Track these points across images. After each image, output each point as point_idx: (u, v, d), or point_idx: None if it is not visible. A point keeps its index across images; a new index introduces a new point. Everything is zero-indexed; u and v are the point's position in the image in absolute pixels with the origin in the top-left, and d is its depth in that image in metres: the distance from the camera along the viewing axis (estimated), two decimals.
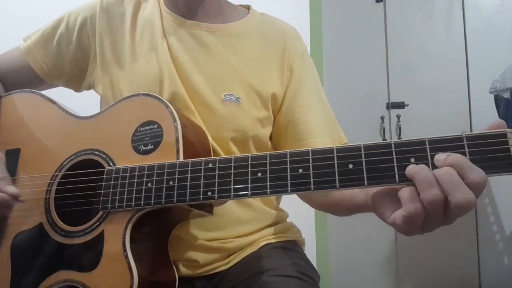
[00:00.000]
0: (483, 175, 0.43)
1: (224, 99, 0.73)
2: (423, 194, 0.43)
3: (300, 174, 0.50)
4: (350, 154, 0.48)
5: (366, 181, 0.47)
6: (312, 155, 0.50)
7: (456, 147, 0.45)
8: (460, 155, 0.44)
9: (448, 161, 0.43)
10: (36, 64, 0.82)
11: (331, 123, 0.81)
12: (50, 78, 0.84)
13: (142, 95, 0.66)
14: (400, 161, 0.46)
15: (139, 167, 0.59)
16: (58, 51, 0.82)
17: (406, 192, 0.45)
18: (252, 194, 0.51)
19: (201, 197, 0.54)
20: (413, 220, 0.45)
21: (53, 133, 0.71)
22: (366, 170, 0.47)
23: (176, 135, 0.60)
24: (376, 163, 0.47)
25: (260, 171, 0.52)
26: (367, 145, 0.48)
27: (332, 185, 0.48)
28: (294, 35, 0.84)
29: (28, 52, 0.83)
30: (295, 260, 0.74)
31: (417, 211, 0.44)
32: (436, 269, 2.47)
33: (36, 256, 0.63)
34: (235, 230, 0.74)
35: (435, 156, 0.45)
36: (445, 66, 2.57)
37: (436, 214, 0.44)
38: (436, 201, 0.43)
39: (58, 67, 0.83)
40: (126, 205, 0.57)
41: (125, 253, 0.56)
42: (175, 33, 0.76)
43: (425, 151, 0.45)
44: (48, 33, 0.83)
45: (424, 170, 0.44)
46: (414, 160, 0.45)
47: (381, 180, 0.46)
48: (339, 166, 0.48)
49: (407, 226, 0.46)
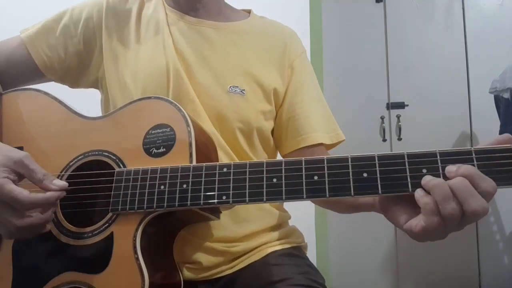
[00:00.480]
0: (494, 184, 0.45)
1: (229, 90, 0.75)
2: (442, 206, 0.45)
3: (315, 181, 0.51)
4: (364, 163, 0.50)
5: (380, 190, 0.49)
6: (327, 163, 0.51)
7: (465, 160, 0.47)
8: (471, 166, 0.46)
9: (461, 171, 0.46)
10: (37, 55, 0.78)
11: (329, 120, 0.83)
12: (49, 72, 0.81)
13: (153, 98, 0.66)
14: (413, 171, 0.48)
15: (151, 169, 0.58)
16: (60, 43, 0.79)
17: (430, 204, 0.46)
18: (267, 199, 0.52)
19: (216, 201, 0.54)
20: (432, 232, 0.47)
21: (59, 133, 0.69)
22: (380, 179, 0.49)
23: (189, 140, 0.60)
24: (390, 172, 0.49)
25: (275, 177, 0.53)
26: (381, 155, 0.50)
27: (347, 192, 0.50)
28: (293, 37, 0.87)
29: (29, 41, 0.79)
30: (303, 268, 0.74)
31: (438, 224, 0.46)
32: (436, 269, 2.47)
33: (41, 257, 0.62)
34: (239, 227, 0.74)
35: (446, 168, 0.47)
36: (445, 66, 2.58)
37: (452, 225, 0.46)
38: (454, 215, 0.45)
39: (59, 60, 0.80)
40: (138, 207, 0.57)
41: (136, 255, 0.56)
42: (179, 29, 0.78)
43: (436, 163, 0.48)
44: (50, 25, 0.80)
45: (443, 184, 0.46)
46: (426, 171, 0.48)
47: (394, 189, 0.49)
48: (353, 174, 0.50)
49: (423, 235, 0.48)
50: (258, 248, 0.75)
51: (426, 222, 0.46)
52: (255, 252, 0.75)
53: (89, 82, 0.83)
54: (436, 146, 2.02)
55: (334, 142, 0.82)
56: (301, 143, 0.79)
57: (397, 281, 2.56)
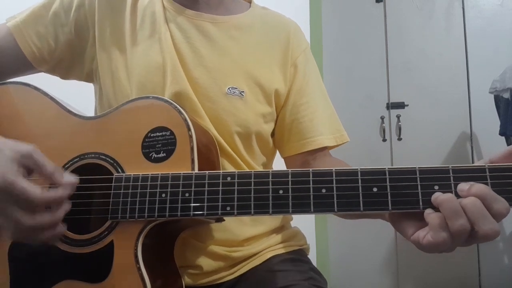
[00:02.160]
0: (507, 205, 0.44)
1: (227, 92, 0.71)
2: (451, 223, 0.44)
3: (323, 194, 0.49)
4: (374, 177, 0.48)
5: (391, 206, 0.47)
6: (335, 176, 0.50)
7: (479, 178, 0.46)
8: (484, 186, 0.44)
9: (473, 191, 0.44)
10: (25, 46, 0.73)
11: (334, 120, 0.81)
12: (39, 63, 0.75)
13: (152, 98, 0.62)
14: (424, 188, 0.47)
15: (151, 176, 0.56)
16: (50, 32, 0.74)
17: (436, 219, 0.45)
18: (273, 212, 0.50)
19: (220, 212, 0.52)
20: (439, 246, 0.46)
21: (51, 132, 0.64)
22: (391, 195, 0.47)
23: (191, 145, 0.58)
24: (401, 188, 0.47)
25: (282, 189, 0.51)
26: (392, 170, 0.48)
27: (356, 208, 0.48)
28: (297, 30, 0.83)
29: (16, 30, 0.73)
30: (307, 274, 0.73)
31: (445, 240, 0.45)
32: (436, 269, 2.47)
33: (39, 264, 0.60)
34: (241, 230, 0.72)
35: (458, 186, 0.46)
36: (445, 66, 2.57)
37: (460, 241, 0.45)
38: (463, 231, 0.44)
39: (48, 50, 0.74)
40: (139, 216, 0.55)
41: (138, 264, 0.55)
42: (176, 22, 0.73)
43: (448, 180, 0.46)
44: (39, 12, 0.74)
45: (451, 199, 0.45)
46: (438, 188, 0.46)
47: (405, 205, 0.47)
48: (363, 189, 0.48)
49: (429, 249, 0.47)
50: (260, 253, 0.74)
51: (433, 237, 0.45)
52: (256, 257, 0.73)
53: (83, 75, 0.78)
54: (436, 146, 2.03)
55: (338, 144, 0.79)
56: (305, 147, 0.77)
57: (397, 281, 2.55)
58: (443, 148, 2.54)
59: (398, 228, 0.51)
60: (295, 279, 0.69)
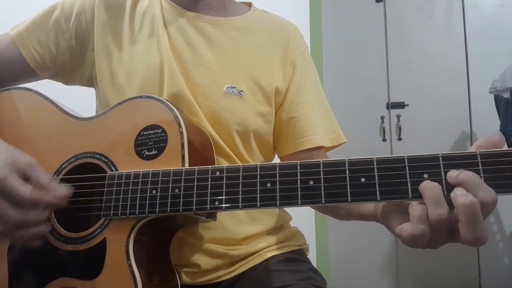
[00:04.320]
0: (493, 195, 0.42)
1: (226, 91, 0.71)
2: (430, 212, 0.43)
3: (311, 186, 0.48)
4: (362, 167, 0.47)
5: (379, 196, 0.46)
6: (323, 167, 0.48)
7: (470, 164, 0.44)
8: (472, 173, 0.43)
9: (460, 178, 0.42)
10: (27, 53, 0.75)
11: (330, 121, 0.81)
12: (42, 69, 0.77)
13: (145, 97, 0.64)
14: (413, 177, 0.45)
15: (142, 173, 0.57)
16: (51, 38, 0.76)
17: (417, 210, 0.44)
18: (261, 205, 0.50)
19: (208, 207, 0.52)
20: (419, 240, 0.44)
21: (50, 134, 0.67)
22: (379, 185, 0.46)
23: (181, 141, 0.58)
24: (389, 177, 0.46)
25: (270, 182, 0.50)
26: (380, 159, 0.46)
27: (343, 198, 0.46)
28: (296, 32, 0.84)
29: (19, 38, 0.75)
30: (306, 274, 0.72)
31: (423, 232, 0.43)
32: (436, 269, 2.47)
33: (35, 262, 0.61)
34: (239, 229, 0.72)
35: (448, 173, 0.44)
36: (445, 66, 2.57)
37: (442, 233, 0.44)
38: (442, 222, 0.42)
39: (50, 56, 0.76)
40: (130, 212, 0.56)
41: (129, 261, 0.55)
42: (176, 24, 0.74)
43: (438, 167, 0.44)
44: (40, 20, 0.76)
45: (434, 187, 0.43)
46: (428, 176, 0.44)
47: (394, 195, 0.45)
48: (351, 179, 0.47)
49: (411, 242, 0.46)
50: (258, 253, 0.73)
51: (412, 229, 0.44)
52: (255, 256, 0.73)
53: (84, 79, 0.79)
54: (436, 146, 2.03)
55: (334, 145, 0.79)
56: (301, 146, 0.77)
57: (397, 281, 2.55)
58: (443, 148, 2.54)
59: (387, 223, 0.51)
60: (294, 279, 0.69)
